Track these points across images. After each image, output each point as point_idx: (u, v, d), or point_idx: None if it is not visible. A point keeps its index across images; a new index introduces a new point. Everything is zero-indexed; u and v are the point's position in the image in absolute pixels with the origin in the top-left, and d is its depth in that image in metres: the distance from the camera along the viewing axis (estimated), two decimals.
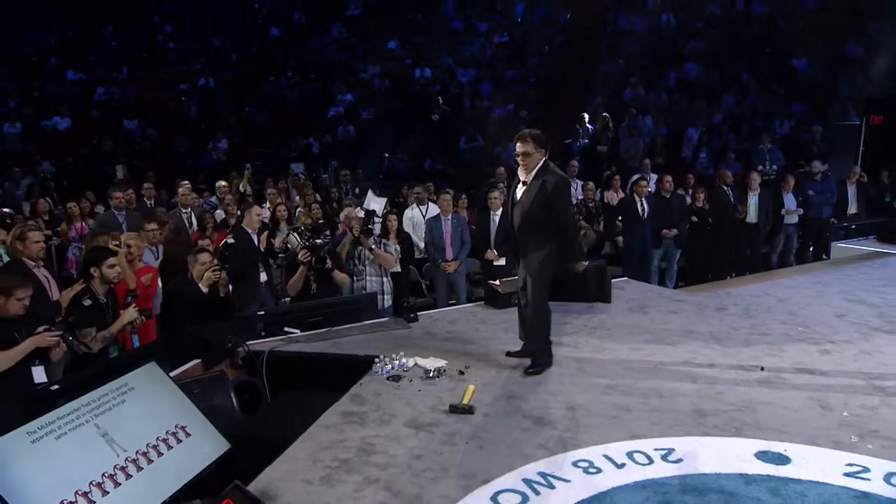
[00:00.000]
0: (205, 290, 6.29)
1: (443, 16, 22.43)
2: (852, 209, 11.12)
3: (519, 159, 5.29)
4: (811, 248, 11.01)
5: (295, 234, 7.91)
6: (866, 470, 3.89)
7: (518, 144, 5.25)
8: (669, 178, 10.28)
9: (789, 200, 10.74)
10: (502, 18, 21.75)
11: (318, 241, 7.03)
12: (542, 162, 5.29)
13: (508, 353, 5.64)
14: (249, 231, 7.47)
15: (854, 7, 16.76)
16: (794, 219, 10.78)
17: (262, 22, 23.24)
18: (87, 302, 5.61)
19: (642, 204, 9.92)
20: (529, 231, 5.30)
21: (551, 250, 5.28)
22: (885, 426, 4.39)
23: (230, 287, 6.73)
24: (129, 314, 5.51)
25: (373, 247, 7.25)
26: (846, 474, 3.85)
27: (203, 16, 23.83)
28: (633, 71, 17.98)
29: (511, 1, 22.38)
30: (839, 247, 9.73)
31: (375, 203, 7.42)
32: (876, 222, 10.20)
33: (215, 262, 6.43)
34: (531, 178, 5.25)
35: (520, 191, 5.35)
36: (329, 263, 6.98)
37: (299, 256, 6.98)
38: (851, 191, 11.28)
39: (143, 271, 6.69)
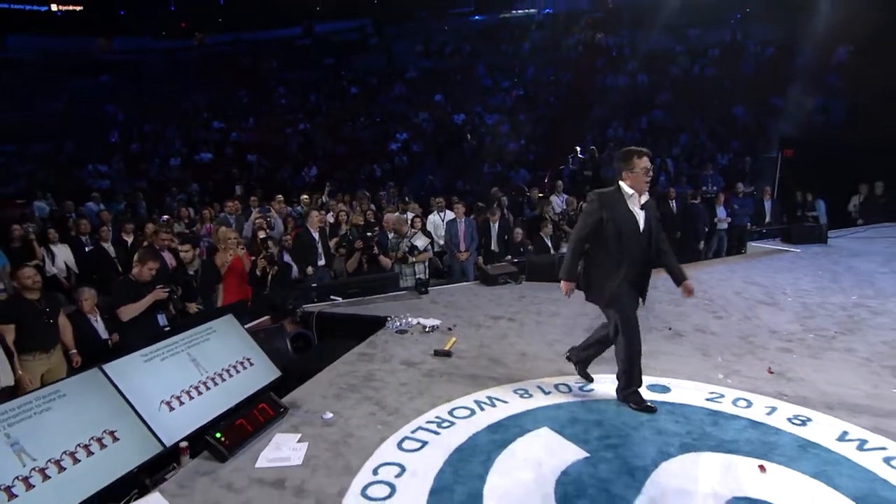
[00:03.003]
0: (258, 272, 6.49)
1: (476, 76, 22.39)
2: (768, 218, 10.86)
3: (647, 176, 3.77)
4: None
5: (353, 229, 8.16)
6: (721, 396, 3.99)
7: (648, 160, 3.77)
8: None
9: (721, 212, 10.71)
10: (519, 78, 21.60)
11: (369, 234, 7.29)
12: None
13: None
14: (311, 229, 7.60)
15: (776, 72, 16.67)
16: (724, 225, 10.73)
17: (345, 84, 23.60)
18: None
19: None
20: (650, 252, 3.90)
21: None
22: (745, 367, 4.46)
23: (294, 266, 6.87)
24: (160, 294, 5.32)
25: (413, 260, 7.20)
26: (707, 399, 3.96)
27: (305, 80, 24.35)
28: (615, 116, 17.71)
29: (525, 65, 22.30)
30: (753, 245, 9.49)
31: (420, 241, 7.33)
32: (782, 227, 9.94)
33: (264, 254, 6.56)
34: (645, 199, 3.81)
35: (636, 210, 3.75)
36: (376, 250, 7.19)
37: (355, 245, 7.22)
38: (767, 205, 11.04)
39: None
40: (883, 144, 11.22)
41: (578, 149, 15.53)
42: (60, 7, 29.96)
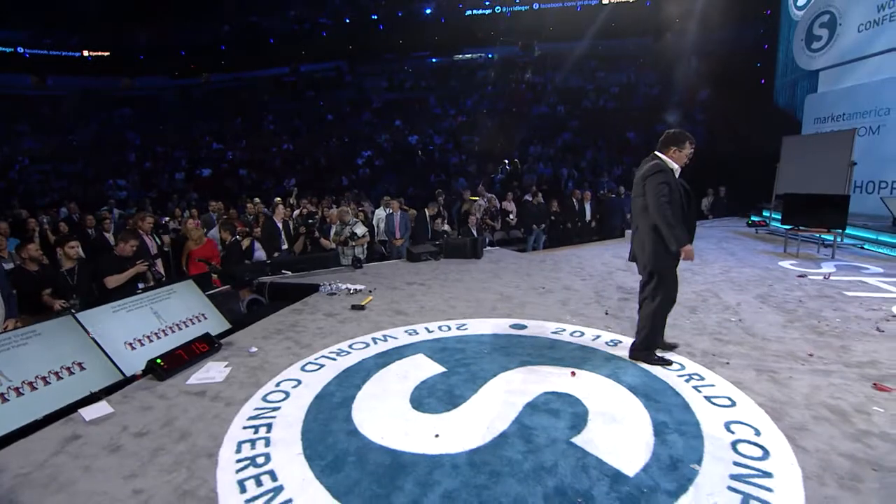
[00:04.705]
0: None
1: (429, 106, 22.55)
2: None
3: (688, 158, 3.49)
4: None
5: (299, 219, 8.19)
6: (563, 330, 4.22)
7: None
8: (539, 193, 10.56)
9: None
10: (463, 107, 21.83)
11: (310, 221, 7.37)
12: None
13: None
14: (276, 220, 7.58)
15: (659, 106, 17.39)
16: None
17: (322, 112, 23.45)
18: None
19: (527, 206, 10.24)
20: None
21: None
22: (589, 311, 4.71)
23: (255, 245, 6.86)
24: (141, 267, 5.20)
25: (353, 244, 7.14)
26: (552, 332, 4.17)
27: (290, 109, 24.16)
28: (537, 137, 18.08)
29: (469, 96, 22.57)
30: (629, 232, 9.82)
31: (359, 228, 7.39)
32: None
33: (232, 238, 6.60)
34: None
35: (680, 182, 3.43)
36: (317, 234, 7.26)
37: (299, 230, 7.28)
38: None
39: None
40: (727, 159, 12.07)
41: (506, 161, 15.86)
42: (91, 53, 29.56)
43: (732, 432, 2.63)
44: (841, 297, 5.08)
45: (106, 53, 29.36)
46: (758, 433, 2.62)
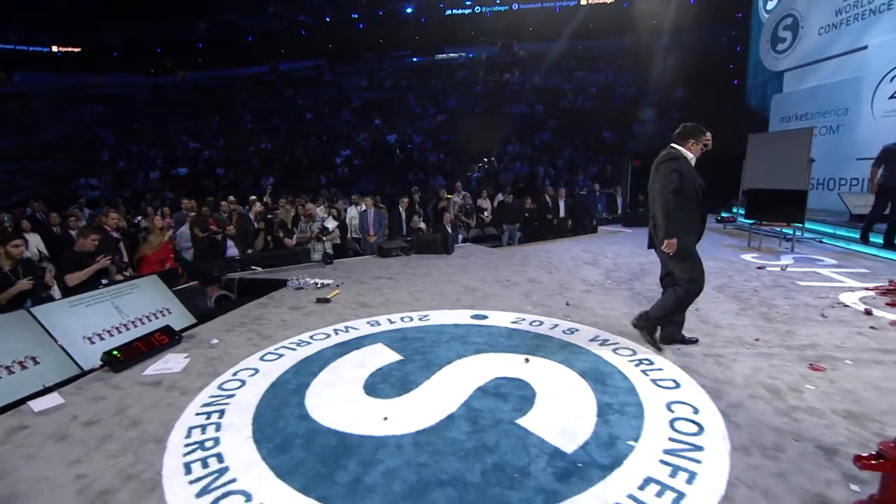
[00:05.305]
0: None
1: (408, 105, 22.58)
2: (620, 211, 11.52)
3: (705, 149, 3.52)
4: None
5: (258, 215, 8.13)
6: (523, 319, 4.30)
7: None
8: (512, 194, 10.66)
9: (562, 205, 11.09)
10: (443, 106, 21.91)
11: (269, 216, 7.36)
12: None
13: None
14: (251, 217, 7.58)
15: (635, 106, 17.71)
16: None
17: (301, 111, 23.31)
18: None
19: (501, 205, 10.30)
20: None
21: None
22: (551, 302, 4.80)
23: (226, 241, 6.83)
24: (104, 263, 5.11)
25: (325, 238, 7.27)
26: (512, 322, 4.25)
27: (268, 108, 23.99)
28: (515, 136, 18.25)
29: (449, 96, 22.66)
30: (602, 228, 10.06)
31: (330, 223, 7.42)
32: (624, 216, 10.60)
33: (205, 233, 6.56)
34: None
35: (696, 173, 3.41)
36: (280, 233, 7.24)
37: (258, 227, 7.26)
38: (619, 201, 11.72)
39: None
40: (700, 157, 12.22)
41: (485, 159, 16.00)
42: (61, 48, 28.79)
43: (672, 411, 2.74)
44: (794, 286, 5.28)
45: (77, 50, 28.72)
46: (696, 411, 2.73)
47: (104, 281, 5.45)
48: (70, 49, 28.91)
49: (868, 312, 4.28)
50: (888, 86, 8.57)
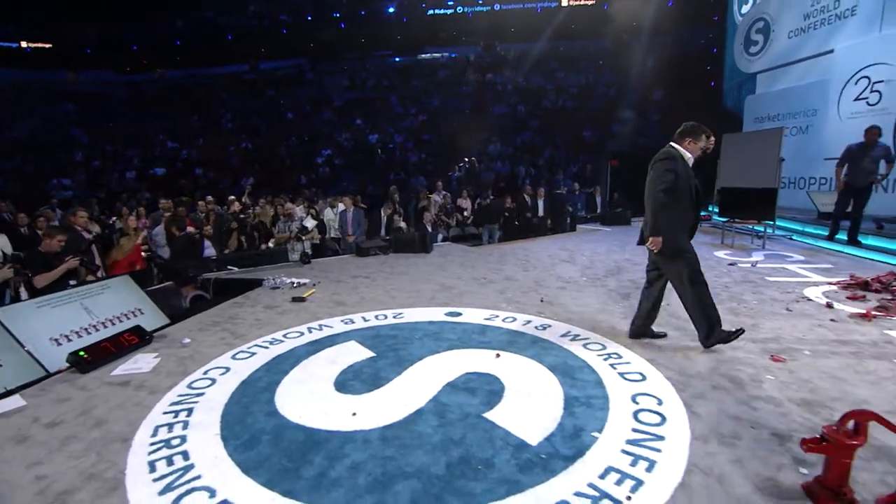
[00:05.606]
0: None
1: (390, 105, 22.54)
2: (599, 209, 11.68)
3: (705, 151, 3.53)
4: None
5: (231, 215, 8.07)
6: (497, 316, 4.34)
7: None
8: (491, 196, 10.76)
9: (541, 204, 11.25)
10: (426, 106, 21.92)
11: (242, 216, 7.30)
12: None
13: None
14: (229, 216, 7.51)
15: (615, 106, 17.96)
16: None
17: (282, 110, 23.10)
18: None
19: (479, 206, 10.35)
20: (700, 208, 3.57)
21: None
22: (526, 299, 4.85)
23: (205, 240, 6.77)
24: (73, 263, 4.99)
25: (304, 238, 7.26)
26: (486, 318, 4.29)
27: (249, 108, 23.73)
28: (497, 136, 18.35)
29: (431, 96, 22.66)
30: (580, 227, 10.19)
31: (309, 223, 7.40)
32: (602, 214, 10.76)
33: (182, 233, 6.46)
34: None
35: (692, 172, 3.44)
36: (255, 233, 7.19)
37: (231, 226, 7.20)
38: (599, 199, 11.89)
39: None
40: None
41: (466, 160, 16.05)
42: (30, 44, 28.02)
43: (637, 403, 2.80)
44: (762, 282, 5.42)
45: (47, 45, 27.98)
46: (660, 402, 2.80)
47: (72, 282, 5.37)
48: (40, 45, 28.18)
49: (829, 306, 4.43)
50: (853, 88, 8.85)
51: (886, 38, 8.40)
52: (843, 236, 7.20)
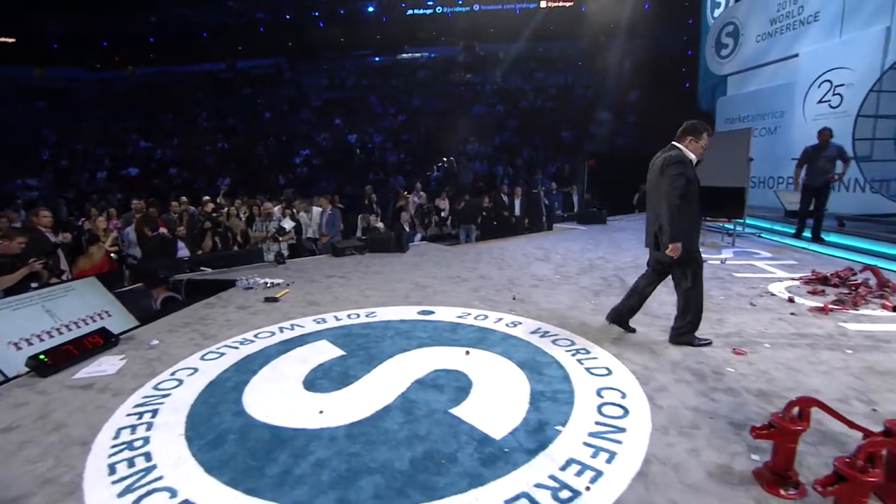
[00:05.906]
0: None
1: (370, 105, 22.46)
2: (576, 208, 11.83)
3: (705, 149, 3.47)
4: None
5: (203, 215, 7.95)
6: (469, 314, 4.37)
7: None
8: (467, 197, 10.80)
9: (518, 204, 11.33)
10: (405, 106, 21.91)
11: (215, 214, 7.21)
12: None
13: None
14: (203, 217, 7.40)
15: (593, 107, 18.20)
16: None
17: (260, 110, 22.83)
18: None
19: (458, 206, 10.39)
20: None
21: None
22: (498, 297, 4.88)
23: (178, 241, 6.66)
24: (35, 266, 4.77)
25: (281, 238, 7.16)
26: (458, 316, 4.32)
27: (225, 107, 23.38)
28: (475, 136, 18.44)
29: (411, 96, 22.67)
30: (557, 226, 10.31)
31: (287, 224, 7.32)
32: (578, 213, 10.91)
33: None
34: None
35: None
36: (228, 234, 7.09)
37: (204, 226, 7.10)
38: (576, 198, 12.05)
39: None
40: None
41: (444, 159, 16.11)
42: None
43: (602, 397, 2.87)
44: (730, 278, 5.58)
45: (10, 40, 27.03)
46: (623, 396, 2.87)
47: (34, 285, 5.23)
48: (3, 39, 27.24)
49: (791, 300, 4.58)
50: (817, 91, 9.15)
51: (846, 43, 8.72)
52: (809, 234, 7.45)
